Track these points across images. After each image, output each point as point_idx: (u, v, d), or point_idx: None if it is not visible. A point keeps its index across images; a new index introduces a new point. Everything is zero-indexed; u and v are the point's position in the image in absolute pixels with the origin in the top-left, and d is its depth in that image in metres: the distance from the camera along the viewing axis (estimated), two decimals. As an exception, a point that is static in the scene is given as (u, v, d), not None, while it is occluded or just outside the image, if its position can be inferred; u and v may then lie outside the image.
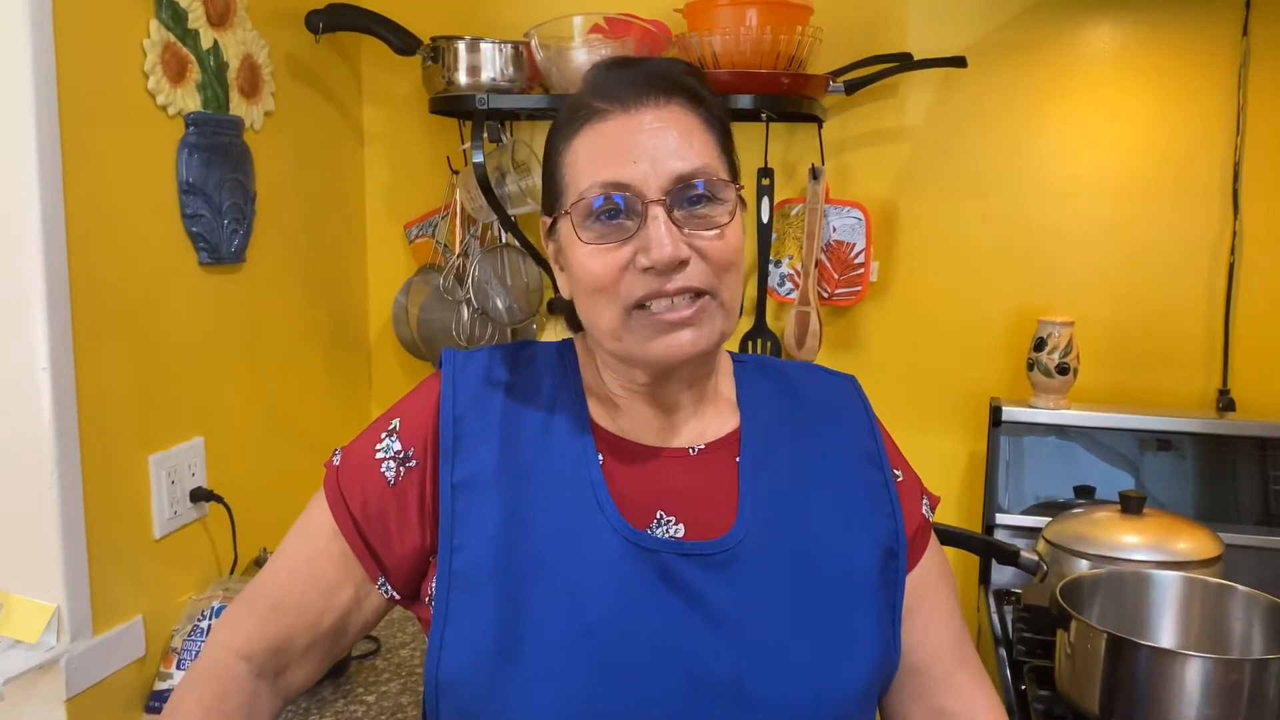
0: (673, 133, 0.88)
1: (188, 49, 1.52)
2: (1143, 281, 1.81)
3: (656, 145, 0.87)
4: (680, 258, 0.86)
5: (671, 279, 0.86)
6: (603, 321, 0.90)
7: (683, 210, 0.87)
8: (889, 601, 0.96)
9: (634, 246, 0.87)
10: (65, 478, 1.31)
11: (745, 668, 0.87)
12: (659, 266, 0.85)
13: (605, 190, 0.87)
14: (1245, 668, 1.18)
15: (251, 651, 0.93)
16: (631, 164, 0.86)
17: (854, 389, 1.06)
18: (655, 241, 0.85)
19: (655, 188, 0.86)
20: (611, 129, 0.88)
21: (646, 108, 0.89)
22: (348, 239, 2.03)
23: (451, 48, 1.77)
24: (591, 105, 0.90)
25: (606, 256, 0.87)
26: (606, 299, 0.88)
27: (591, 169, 0.88)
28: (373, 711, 1.48)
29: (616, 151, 0.87)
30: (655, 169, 0.86)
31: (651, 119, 0.88)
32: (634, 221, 0.87)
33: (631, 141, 0.87)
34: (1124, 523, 1.51)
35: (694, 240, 0.87)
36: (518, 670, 0.85)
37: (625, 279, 0.87)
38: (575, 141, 0.90)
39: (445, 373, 0.96)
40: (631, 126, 0.88)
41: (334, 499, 0.94)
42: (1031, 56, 1.80)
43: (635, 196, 0.87)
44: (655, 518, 0.91)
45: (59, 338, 1.30)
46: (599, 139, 0.89)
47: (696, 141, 0.89)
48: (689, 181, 0.87)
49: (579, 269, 0.90)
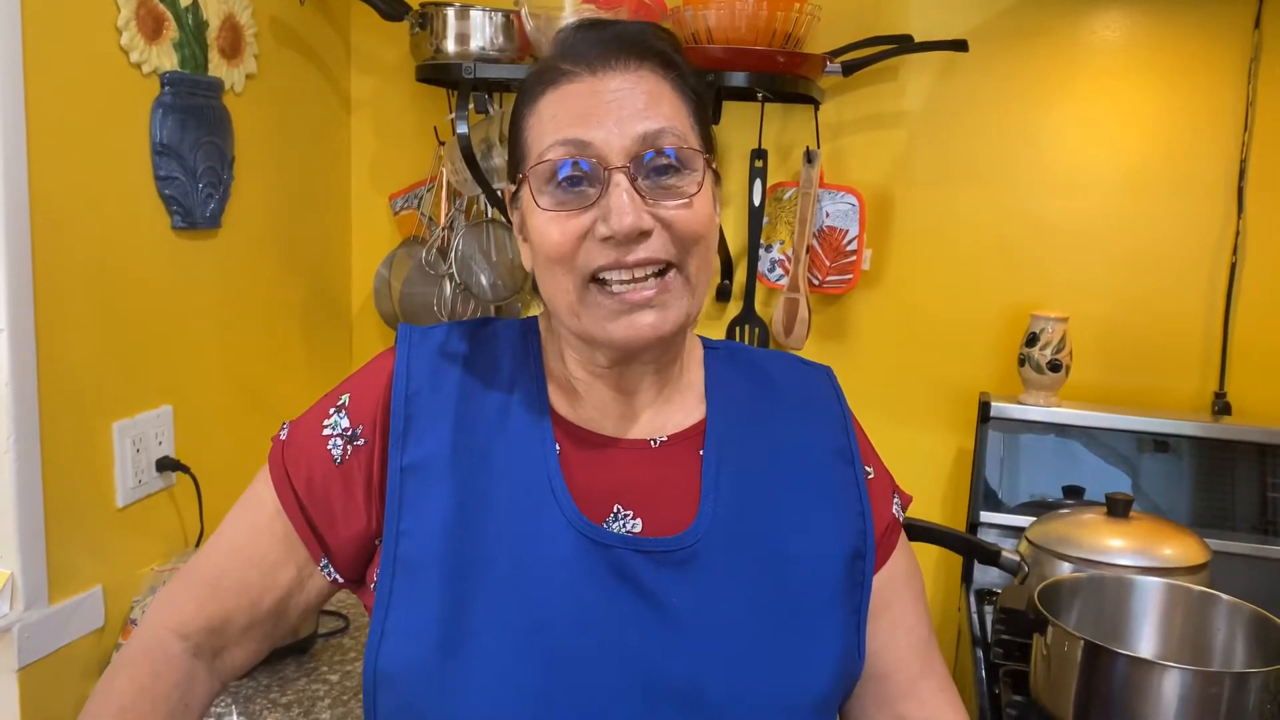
0: (640, 96, 0.84)
1: (165, 6, 1.48)
2: (1141, 279, 1.77)
3: (623, 107, 0.83)
4: (641, 228, 0.82)
5: (632, 250, 0.82)
6: (560, 295, 0.86)
7: (648, 180, 0.83)
8: (854, 604, 0.92)
9: (594, 214, 0.83)
10: (22, 443, 1.28)
11: (702, 671, 0.83)
12: (618, 236, 0.81)
13: (566, 152, 0.83)
14: (1225, 680, 1.14)
15: (188, 630, 0.90)
16: (595, 125, 0.83)
17: (829, 381, 1.02)
18: (616, 210, 0.81)
19: (619, 150, 0.82)
20: (576, 91, 0.85)
21: (614, 71, 0.85)
22: (331, 208, 1.99)
23: (440, 14, 1.73)
24: (558, 67, 0.86)
25: (565, 224, 0.83)
26: (564, 269, 0.84)
27: (552, 129, 0.84)
28: (335, 690, 1.45)
29: (580, 113, 0.83)
30: (621, 129, 0.82)
31: (619, 82, 0.84)
32: (595, 189, 0.83)
33: (596, 103, 0.83)
34: (1109, 526, 1.47)
35: (658, 210, 0.83)
36: (462, 667, 0.81)
37: (584, 248, 0.83)
38: (539, 104, 0.86)
39: (400, 349, 0.92)
40: (598, 89, 0.84)
41: (278, 475, 0.91)
42: (1035, 43, 1.75)
43: (598, 161, 0.83)
44: (612, 511, 0.87)
45: (19, 299, 1.26)
46: (563, 101, 0.85)
47: (666, 105, 0.85)
48: (655, 144, 0.83)
49: (537, 236, 0.86)
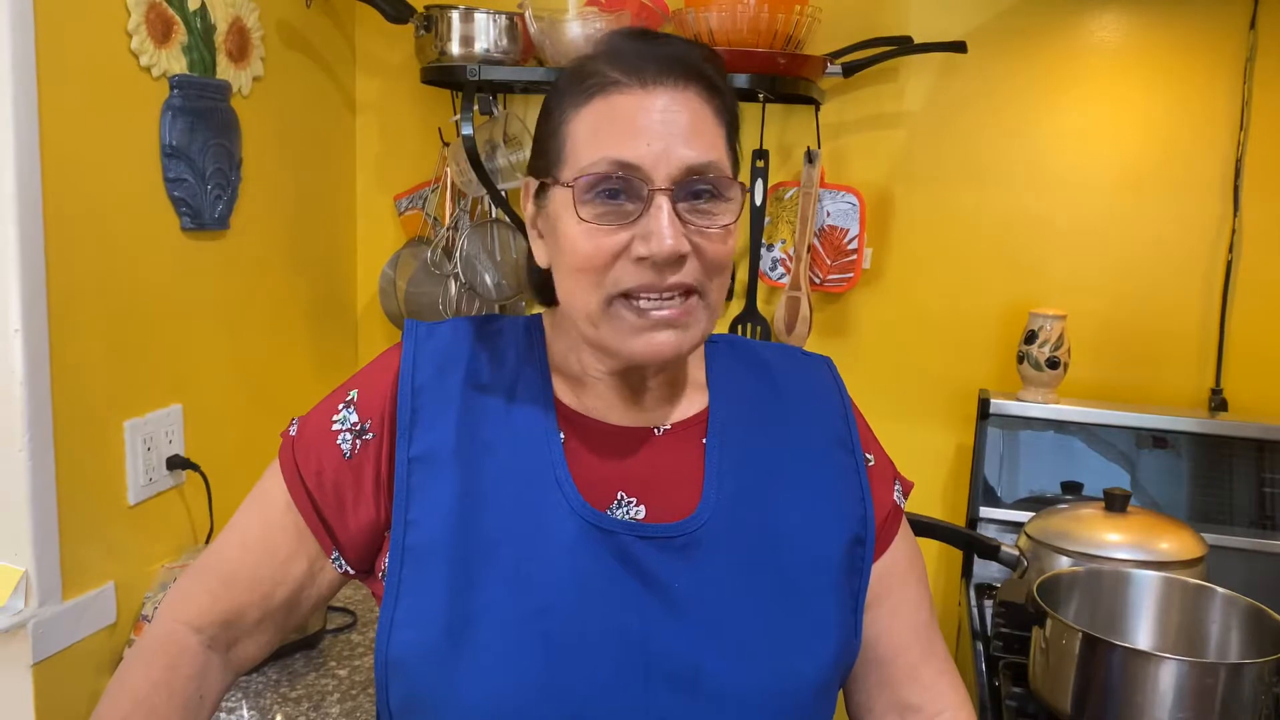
0: (686, 118, 0.84)
1: (173, 9, 1.50)
2: (1138, 277, 1.79)
3: (670, 129, 0.83)
4: (681, 252, 0.83)
5: (666, 275, 0.83)
6: (580, 303, 0.87)
7: (687, 203, 0.84)
8: (852, 589, 0.94)
9: (633, 233, 0.83)
10: (36, 441, 1.30)
11: (703, 655, 0.85)
12: (657, 259, 0.82)
13: (613, 169, 0.83)
14: (1220, 671, 1.16)
15: (202, 624, 0.92)
16: (644, 145, 0.82)
17: (829, 371, 1.04)
18: (657, 232, 0.82)
19: (664, 175, 0.83)
20: (625, 104, 0.84)
21: (664, 88, 0.84)
22: (337, 209, 2.01)
23: (445, 17, 1.74)
24: (606, 74, 0.85)
25: (601, 239, 0.84)
26: (591, 282, 0.85)
27: (599, 142, 0.84)
28: (344, 685, 1.47)
29: (628, 129, 0.83)
30: (667, 154, 0.82)
31: (668, 101, 0.84)
32: (636, 206, 0.83)
33: (645, 121, 0.83)
34: (1107, 520, 1.49)
35: (694, 236, 0.84)
36: (467, 651, 0.83)
37: (616, 266, 0.84)
38: (584, 109, 0.85)
39: (406, 344, 0.94)
40: (646, 105, 0.84)
41: (289, 471, 0.92)
42: (1033, 44, 1.77)
43: (641, 181, 0.83)
44: (616, 498, 0.89)
45: (33, 300, 1.28)
46: (611, 112, 0.84)
47: (709, 133, 0.85)
48: (700, 174, 0.84)
49: (567, 244, 0.86)
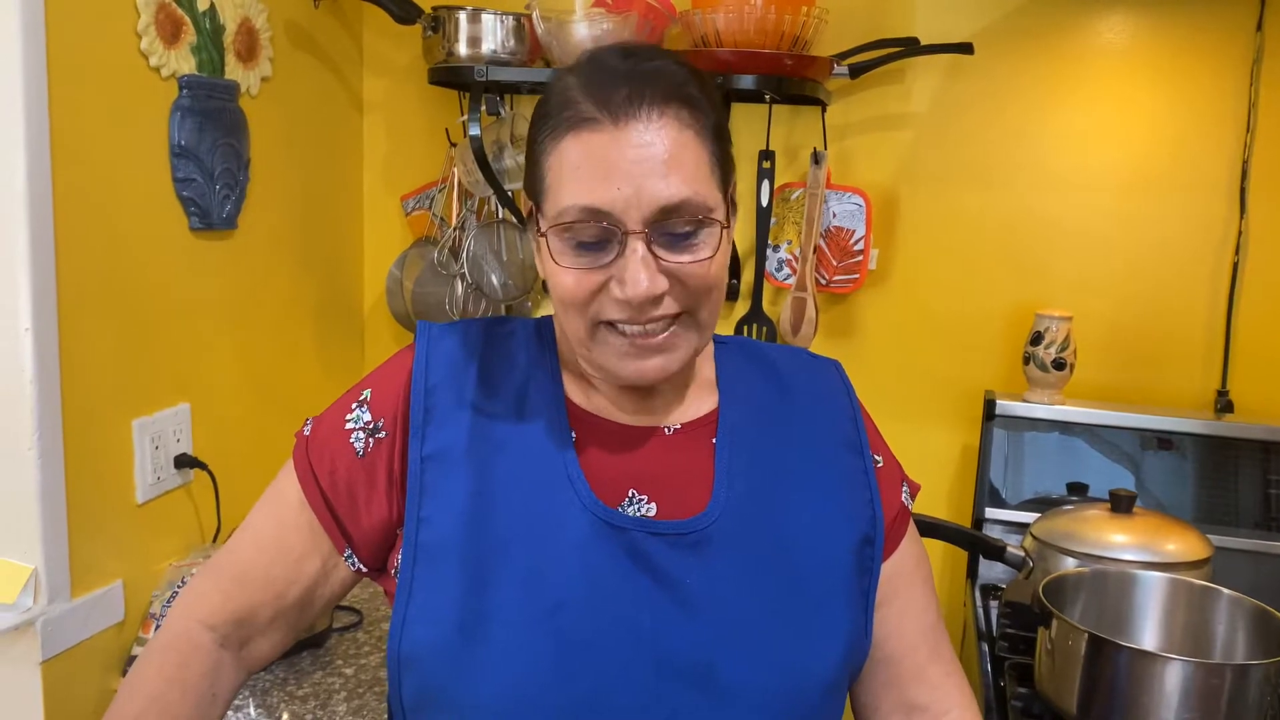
0: (661, 153, 0.82)
1: (183, 10, 1.50)
2: (1144, 279, 1.79)
3: (643, 167, 0.82)
4: (655, 294, 0.83)
5: (647, 311, 0.85)
6: (570, 328, 0.89)
7: (664, 238, 0.84)
8: (862, 589, 0.94)
9: (610, 274, 0.84)
10: (46, 439, 1.30)
11: (713, 652, 0.86)
12: (633, 303, 0.83)
13: (583, 216, 0.83)
14: (1226, 672, 1.16)
15: (216, 622, 0.93)
16: (615, 189, 0.82)
17: (837, 373, 1.04)
18: (631, 278, 0.82)
19: (636, 218, 0.82)
20: (598, 142, 0.82)
21: (637, 120, 0.82)
22: (344, 209, 2.01)
23: (452, 18, 1.75)
24: (578, 109, 0.84)
25: (580, 278, 0.85)
26: (577, 311, 0.87)
27: (572, 187, 0.83)
28: (350, 684, 1.47)
29: (598, 172, 0.82)
30: (639, 196, 0.82)
31: (641, 133, 0.82)
32: (612, 249, 0.84)
33: (617, 162, 0.82)
34: (1113, 521, 1.49)
35: (672, 267, 0.84)
36: (480, 647, 0.84)
37: (597, 301, 0.85)
38: (560, 145, 0.85)
39: (419, 345, 0.95)
40: (620, 142, 0.82)
41: (302, 470, 0.93)
42: (1040, 46, 1.77)
43: (614, 225, 0.83)
44: (627, 495, 0.90)
45: (43, 299, 1.29)
46: (583, 151, 0.83)
47: (688, 161, 0.84)
48: (675, 212, 0.83)
49: (551, 278, 0.87)
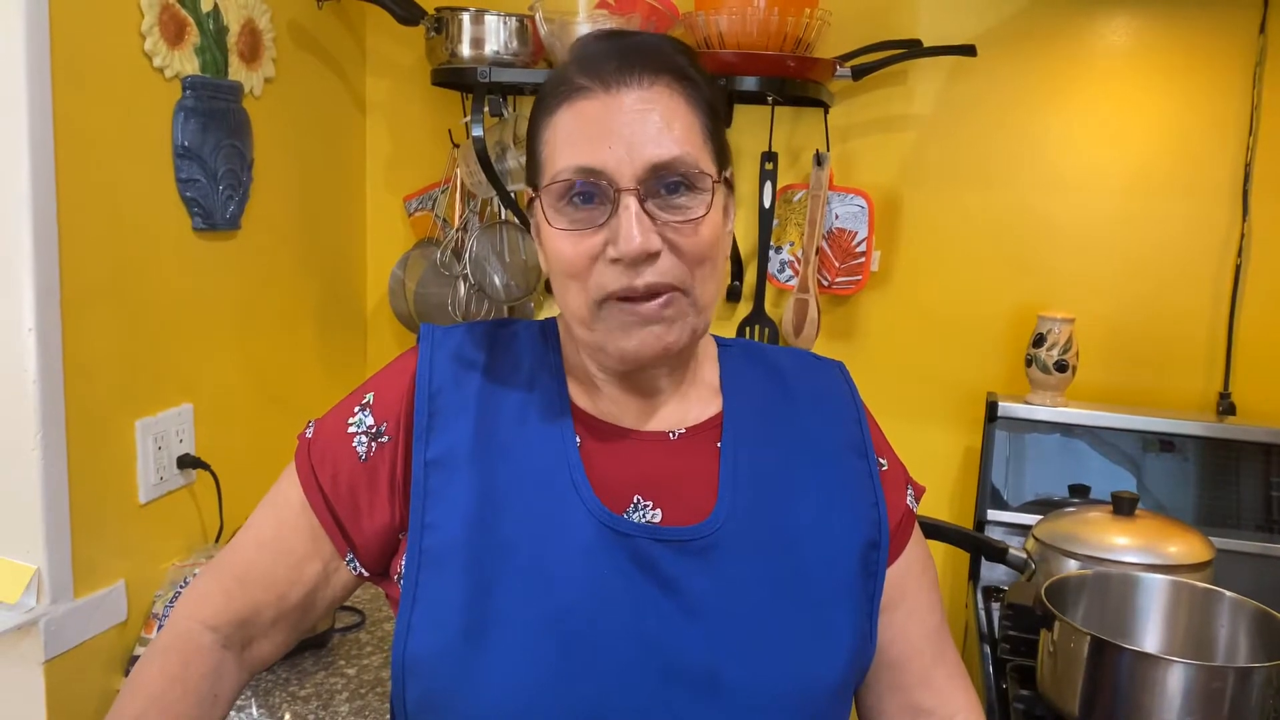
0: (654, 116, 0.85)
1: (187, 11, 1.51)
2: (1146, 281, 1.79)
3: (635, 130, 0.84)
4: (649, 249, 0.84)
5: (641, 272, 0.84)
6: (573, 307, 0.88)
7: (657, 199, 0.85)
8: (867, 592, 0.94)
9: (605, 235, 0.85)
10: (49, 440, 1.31)
11: (719, 658, 0.85)
12: (626, 259, 0.83)
13: (577, 175, 0.85)
14: (1228, 675, 1.16)
15: (218, 623, 0.93)
16: (606, 149, 0.84)
17: (842, 376, 1.04)
18: (624, 233, 0.83)
19: (629, 175, 0.84)
20: (591, 109, 0.85)
21: (629, 87, 0.86)
22: (347, 210, 2.02)
23: (455, 19, 1.75)
24: (573, 81, 0.87)
25: (578, 244, 0.85)
26: (578, 285, 0.87)
27: (566, 151, 0.86)
28: (353, 684, 1.48)
29: (593, 134, 0.84)
30: (631, 155, 0.84)
31: (634, 100, 0.85)
32: (605, 209, 0.85)
33: (610, 124, 0.84)
34: (1115, 524, 1.49)
35: (666, 232, 0.85)
36: (485, 653, 0.84)
37: (596, 269, 0.85)
38: (555, 118, 0.88)
39: (422, 348, 0.95)
40: (612, 108, 0.85)
41: (304, 472, 0.93)
42: (1043, 47, 1.77)
43: (608, 183, 0.84)
44: (632, 502, 0.89)
45: (46, 299, 1.29)
46: (577, 119, 0.86)
47: (679, 126, 0.86)
48: (667, 170, 0.84)
49: (550, 250, 0.88)
